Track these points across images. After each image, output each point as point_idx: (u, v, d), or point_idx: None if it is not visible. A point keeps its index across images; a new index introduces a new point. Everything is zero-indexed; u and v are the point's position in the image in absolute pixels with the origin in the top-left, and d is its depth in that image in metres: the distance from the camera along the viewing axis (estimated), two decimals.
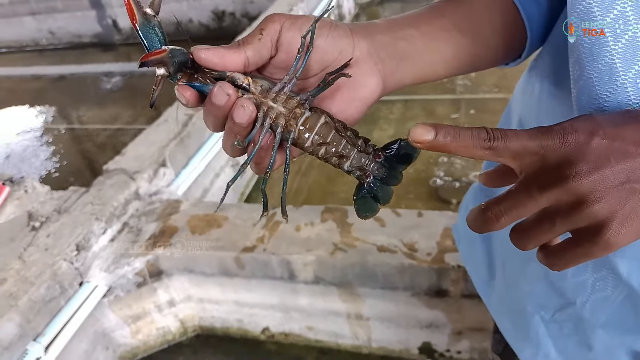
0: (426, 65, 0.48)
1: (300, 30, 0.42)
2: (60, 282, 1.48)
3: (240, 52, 0.41)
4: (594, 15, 0.39)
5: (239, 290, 1.65)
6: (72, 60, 5.15)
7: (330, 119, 0.43)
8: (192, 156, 2.09)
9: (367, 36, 0.45)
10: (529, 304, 0.61)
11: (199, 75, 0.41)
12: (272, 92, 0.42)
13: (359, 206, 0.45)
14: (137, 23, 0.40)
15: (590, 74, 0.41)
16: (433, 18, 0.49)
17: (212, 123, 0.42)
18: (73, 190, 1.79)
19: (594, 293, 0.52)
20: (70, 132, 4.00)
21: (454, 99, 3.23)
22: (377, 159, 0.44)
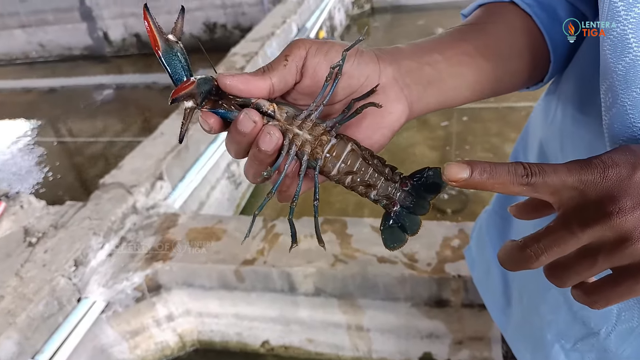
0: (451, 90, 0.48)
1: (325, 56, 0.42)
2: (58, 299, 1.46)
3: (265, 79, 0.41)
4: (629, 44, 0.38)
5: (238, 303, 1.65)
6: (63, 72, 5.14)
7: (357, 146, 0.42)
8: (188, 169, 2.09)
9: (393, 62, 0.45)
10: (548, 332, 0.59)
11: (223, 101, 0.41)
12: (298, 119, 0.42)
13: (387, 236, 0.44)
14: (160, 50, 0.40)
15: (624, 102, 0.40)
16: (456, 43, 0.49)
17: (236, 150, 0.42)
18: (70, 205, 1.77)
19: (620, 324, 0.50)
20: (61, 145, 3.97)
21: (445, 110, 3.25)
22: (404, 188, 0.43)
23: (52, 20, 5.21)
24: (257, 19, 4.50)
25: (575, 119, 0.54)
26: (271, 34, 3.03)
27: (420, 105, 0.46)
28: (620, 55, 0.39)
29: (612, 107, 0.42)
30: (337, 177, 0.42)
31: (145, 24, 0.40)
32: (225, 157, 2.37)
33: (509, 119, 3.02)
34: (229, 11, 4.88)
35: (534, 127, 0.67)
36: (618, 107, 0.41)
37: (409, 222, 0.43)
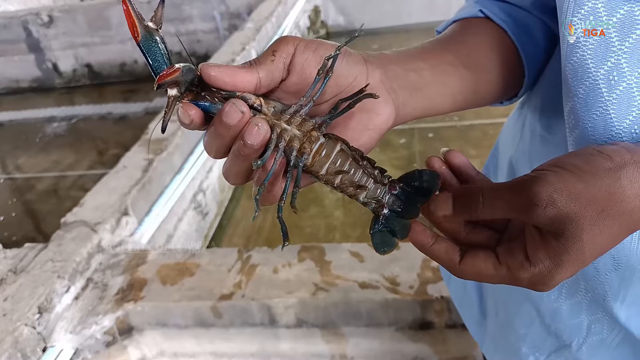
0: (435, 97, 0.48)
1: (314, 53, 0.41)
2: (21, 350, 1.36)
3: (252, 72, 0.39)
4: (588, 68, 0.40)
5: (215, 340, 1.58)
6: (10, 106, 4.92)
7: (346, 146, 0.41)
8: (154, 202, 2.02)
9: (380, 65, 0.44)
10: (523, 345, 0.61)
11: (205, 93, 0.39)
12: (286, 114, 0.40)
13: (377, 241, 0.43)
14: (140, 37, 0.37)
15: (585, 124, 0.41)
16: (439, 52, 0.49)
17: (217, 146, 0.39)
18: (29, 247, 1.67)
19: (590, 336, 0.51)
20: (10, 181, 3.78)
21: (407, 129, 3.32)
22: (392, 191, 0.42)
23: None
24: (213, 46, 4.48)
25: (544, 138, 0.55)
26: (231, 60, 3.02)
27: (406, 110, 0.46)
28: (581, 80, 0.41)
29: (575, 128, 0.43)
30: (326, 177, 0.41)
31: (124, 7, 0.37)
32: (191, 188, 2.31)
33: (468, 137, 3.11)
34: (183, 39, 4.83)
35: (503, 145, 0.69)
36: (580, 129, 0.42)
37: (398, 226, 0.42)
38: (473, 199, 0.38)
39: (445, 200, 0.40)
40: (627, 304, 0.46)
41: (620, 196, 0.34)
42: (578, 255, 0.35)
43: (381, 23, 4.88)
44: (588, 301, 0.50)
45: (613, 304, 0.47)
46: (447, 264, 0.41)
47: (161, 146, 2.17)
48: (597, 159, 0.35)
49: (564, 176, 0.34)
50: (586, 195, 0.34)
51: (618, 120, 0.39)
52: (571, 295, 0.51)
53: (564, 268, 0.35)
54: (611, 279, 0.46)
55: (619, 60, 0.38)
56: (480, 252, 0.39)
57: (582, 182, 0.34)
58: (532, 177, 0.35)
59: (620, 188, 0.34)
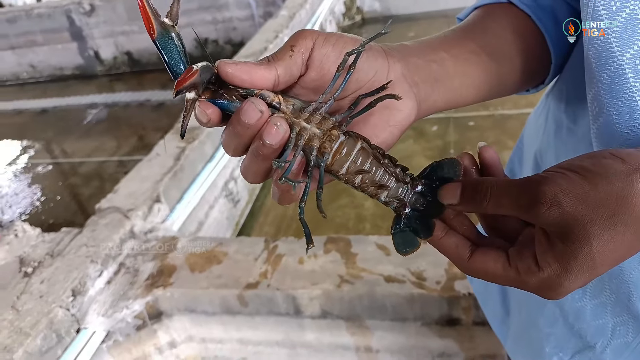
0: (457, 89, 0.46)
1: (333, 47, 0.39)
2: (56, 331, 1.41)
3: (270, 69, 0.37)
4: (612, 52, 0.38)
5: (242, 328, 1.60)
6: (54, 93, 5.10)
7: (367, 144, 0.40)
8: (186, 190, 2.05)
9: (401, 59, 0.43)
10: (547, 344, 0.59)
11: (222, 91, 0.38)
12: (305, 112, 0.39)
13: (398, 241, 0.42)
14: (155, 34, 0.36)
15: (610, 111, 0.39)
16: (462, 41, 0.47)
17: (235, 145, 0.38)
18: (65, 232, 1.73)
19: (615, 338, 0.49)
20: (55, 166, 3.93)
21: (443, 118, 3.25)
22: (414, 189, 0.41)
23: (41, 41, 5.18)
24: (248, 33, 4.50)
25: (570, 130, 0.53)
26: (264, 49, 3.02)
27: (428, 104, 0.44)
28: (605, 64, 0.38)
29: (599, 116, 0.41)
30: (346, 176, 0.40)
31: (139, 3, 0.36)
32: (223, 176, 2.33)
33: (505, 127, 3.01)
34: (219, 27, 4.86)
35: (528, 137, 0.67)
36: (605, 117, 0.40)
37: (421, 226, 0.40)
38: (480, 191, 0.37)
39: (454, 189, 0.38)
40: None
41: (634, 200, 0.31)
42: (587, 262, 0.33)
43: (417, 9, 4.78)
44: (613, 302, 0.48)
45: (638, 304, 0.45)
46: (456, 258, 0.39)
47: (193, 135, 2.20)
48: (609, 161, 0.33)
49: (572, 178, 0.33)
50: (594, 198, 0.32)
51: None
52: (596, 295, 0.49)
53: (572, 274, 0.33)
54: (636, 278, 0.44)
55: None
56: (491, 251, 0.38)
57: (591, 184, 0.32)
58: (540, 177, 0.34)
59: (633, 192, 0.31)
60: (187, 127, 0.37)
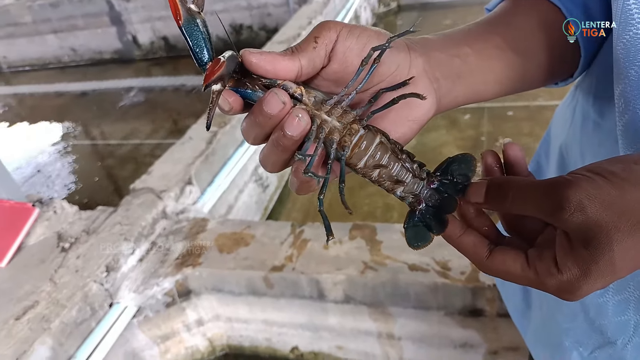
0: (480, 85, 0.46)
1: (357, 40, 0.39)
2: (91, 304, 1.48)
3: (294, 60, 0.38)
4: None
5: (267, 309, 1.64)
6: (94, 76, 5.24)
7: (386, 139, 0.40)
8: (216, 173, 2.09)
9: (423, 53, 0.43)
10: (566, 339, 0.59)
11: (246, 80, 0.38)
12: (327, 105, 0.39)
13: (411, 235, 0.42)
14: (182, 20, 0.37)
15: (636, 108, 0.38)
16: (486, 35, 0.47)
17: (256, 134, 0.38)
18: (101, 210, 1.80)
19: (637, 335, 0.49)
20: (93, 147, 4.05)
21: (475, 108, 3.19)
22: (431, 185, 0.41)
23: (82, 25, 5.32)
24: (282, 19, 4.50)
25: (596, 124, 0.52)
26: (297, 35, 3.02)
27: (449, 99, 0.44)
28: (633, 60, 0.38)
29: (625, 112, 0.40)
30: (364, 170, 0.40)
31: None
32: (253, 160, 2.37)
33: (540, 118, 2.94)
34: (254, 12, 4.89)
35: (555, 130, 0.65)
36: (631, 114, 0.39)
37: (434, 221, 0.41)
38: (504, 192, 0.37)
39: (479, 188, 0.38)
40: None
41: None
42: (608, 267, 0.32)
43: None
44: (636, 298, 0.47)
45: None
46: (474, 257, 0.39)
47: (225, 119, 2.23)
48: (638, 167, 0.32)
49: (598, 183, 0.32)
50: (621, 204, 0.31)
51: None
52: (619, 291, 0.49)
53: (592, 278, 0.33)
54: None
55: None
56: (510, 251, 0.38)
57: (618, 190, 0.31)
58: (566, 180, 0.33)
59: None
60: (212, 118, 0.38)
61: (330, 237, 0.40)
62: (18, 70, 5.88)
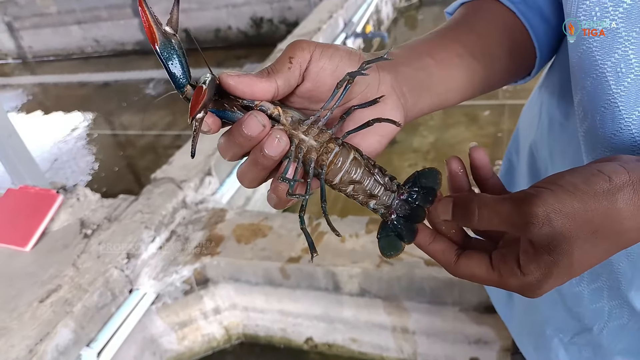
0: (443, 94, 0.48)
1: (330, 60, 0.40)
2: (111, 290, 1.52)
3: (271, 81, 0.39)
4: (594, 61, 0.39)
5: (283, 299, 1.66)
6: (116, 67, 5.32)
7: (359, 155, 0.41)
8: (236, 165, 2.11)
9: (391, 70, 0.44)
10: (547, 327, 0.62)
11: (224, 101, 0.39)
12: (304, 125, 0.40)
13: (383, 245, 0.44)
14: (158, 45, 0.37)
15: (594, 116, 0.41)
16: (447, 45, 0.49)
17: (234, 153, 0.39)
18: (123, 198, 1.83)
19: (611, 321, 0.52)
20: (114, 137, 4.12)
21: (497, 105, 3.17)
22: (401, 197, 0.43)
23: (105, 16, 5.39)
24: (303, 13, 4.51)
25: (562, 125, 0.54)
26: (317, 29, 3.03)
27: (415, 111, 0.46)
28: (588, 72, 0.41)
29: (584, 120, 0.43)
30: (339, 186, 0.41)
31: (142, 15, 0.36)
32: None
33: None
34: (275, 6, 4.90)
35: (523, 129, 0.67)
36: (589, 121, 0.42)
37: (405, 231, 0.43)
38: (471, 210, 0.38)
39: (446, 205, 0.41)
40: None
41: (617, 217, 0.34)
42: (567, 269, 0.36)
43: None
44: (609, 287, 0.50)
45: (627, 292, 0.48)
46: (443, 262, 0.42)
47: None
48: (596, 179, 0.34)
49: (561, 196, 0.34)
50: (583, 216, 0.34)
51: (627, 113, 0.39)
52: (593, 280, 0.52)
53: (552, 279, 0.36)
54: (624, 269, 0.47)
55: (627, 52, 0.38)
56: (474, 255, 0.40)
57: (580, 203, 0.34)
58: (530, 195, 0.35)
59: (616, 210, 0.34)
60: (196, 147, 0.38)
61: (314, 254, 0.42)
62: (43, 60, 6.00)
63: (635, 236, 0.35)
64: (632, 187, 0.34)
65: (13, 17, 5.82)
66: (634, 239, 0.35)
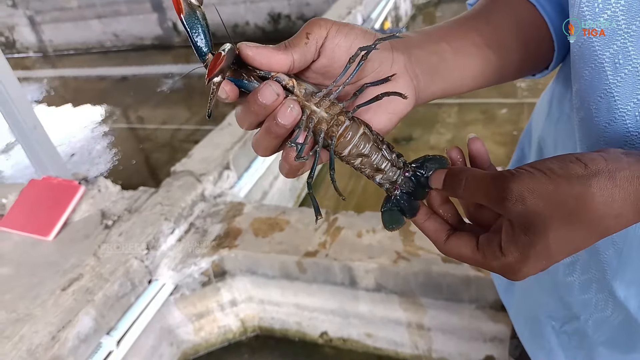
0: (456, 80, 0.49)
1: (345, 38, 0.42)
2: (131, 280, 1.54)
3: (287, 54, 0.40)
4: (594, 50, 0.40)
5: (299, 293, 1.67)
6: (135, 61, 5.38)
7: (369, 130, 0.43)
8: (253, 159, 2.13)
9: (404, 51, 0.46)
10: (542, 313, 0.64)
11: (242, 71, 0.41)
12: (316, 97, 0.42)
13: (386, 218, 0.46)
14: (184, 14, 0.39)
15: (590, 105, 0.42)
16: (464, 33, 0.50)
17: (250, 121, 0.41)
18: (143, 191, 1.86)
19: (596, 312, 0.54)
20: (132, 131, 4.17)
21: (515, 103, 3.14)
22: (406, 174, 0.45)
23: (125, 11, 5.45)
24: (321, 9, 4.51)
25: (568, 117, 0.55)
26: None
27: (426, 94, 0.47)
28: (587, 62, 0.42)
29: (580, 110, 0.45)
30: (347, 158, 0.43)
31: None
32: None
33: None
34: (293, 2, 4.91)
35: (535, 121, 0.69)
36: (585, 110, 0.43)
37: (407, 206, 0.45)
38: (459, 179, 0.41)
39: (439, 175, 0.43)
40: (626, 283, 0.49)
41: (590, 202, 0.35)
42: (544, 252, 0.37)
43: None
44: (597, 280, 0.52)
45: (612, 282, 0.49)
46: (434, 240, 0.44)
47: None
48: (573, 165, 0.36)
49: (537, 177, 0.36)
50: (555, 197, 0.35)
51: (622, 104, 0.40)
52: (584, 272, 0.54)
53: (530, 261, 0.37)
54: (610, 258, 0.48)
55: (625, 43, 0.39)
56: (464, 236, 0.42)
57: (553, 185, 0.35)
58: (511, 174, 0.37)
59: (589, 194, 0.35)
60: (212, 108, 0.40)
61: (319, 216, 0.44)
62: (63, 54, 6.08)
63: (614, 224, 0.36)
64: (608, 174, 0.35)
65: (35, 11, 5.92)
66: (613, 226, 0.36)
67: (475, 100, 3.23)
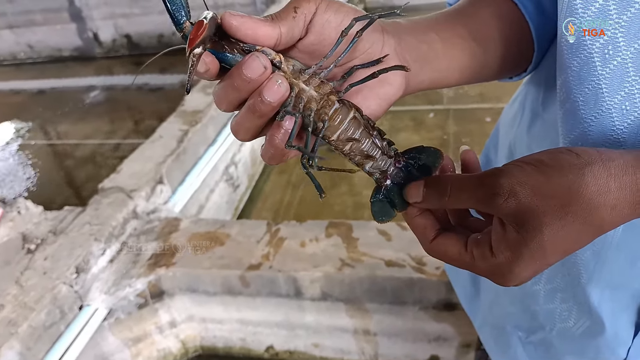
0: (443, 71, 0.48)
1: (335, 14, 0.39)
2: (60, 307, 1.43)
3: (274, 27, 0.37)
4: (583, 41, 0.40)
5: (242, 308, 1.63)
6: (52, 74, 5.05)
7: (359, 114, 0.41)
8: (188, 172, 2.06)
9: (395, 35, 0.44)
10: (508, 323, 0.63)
11: (224, 43, 0.37)
12: (305, 74, 0.39)
13: (376, 209, 0.43)
14: None
15: (576, 97, 0.41)
16: (451, 25, 0.49)
17: (231, 99, 0.37)
18: (68, 210, 1.74)
19: (559, 322, 0.54)
20: (51, 147, 3.91)
21: (441, 109, 3.27)
22: (397, 164, 0.42)
23: (40, 20, 5.12)
24: None
25: (543, 120, 0.55)
26: None
27: (415, 82, 0.46)
28: (576, 52, 0.41)
29: (565, 102, 0.43)
30: (336, 143, 0.41)
31: None
32: (224, 160, 2.34)
33: None
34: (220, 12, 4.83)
35: (504, 126, 0.69)
36: (571, 103, 0.42)
37: (398, 199, 0.42)
38: (441, 189, 0.38)
39: (417, 187, 0.40)
40: (601, 286, 0.48)
41: (584, 192, 0.33)
42: (538, 251, 0.34)
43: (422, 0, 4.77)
44: (562, 289, 0.51)
45: (587, 287, 0.48)
46: (421, 237, 0.42)
47: (196, 118, 2.20)
48: (564, 156, 0.35)
49: (527, 170, 0.35)
50: (547, 188, 0.34)
51: (609, 96, 0.39)
52: (549, 281, 0.54)
53: (523, 261, 0.35)
54: (587, 260, 0.48)
55: (616, 33, 0.38)
56: (452, 236, 0.40)
57: (544, 176, 0.34)
58: (499, 170, 0.36)
59: (583, 184, 0.33)
60: (191, 82, 0.36)
61: (323, 194, 0.41)
62: None
63: (609, 217, 0.34)
64: (602, 164, 0.34)
65: None
66: (608, 221, 0.34)
67: (405, 108, 3.33)
